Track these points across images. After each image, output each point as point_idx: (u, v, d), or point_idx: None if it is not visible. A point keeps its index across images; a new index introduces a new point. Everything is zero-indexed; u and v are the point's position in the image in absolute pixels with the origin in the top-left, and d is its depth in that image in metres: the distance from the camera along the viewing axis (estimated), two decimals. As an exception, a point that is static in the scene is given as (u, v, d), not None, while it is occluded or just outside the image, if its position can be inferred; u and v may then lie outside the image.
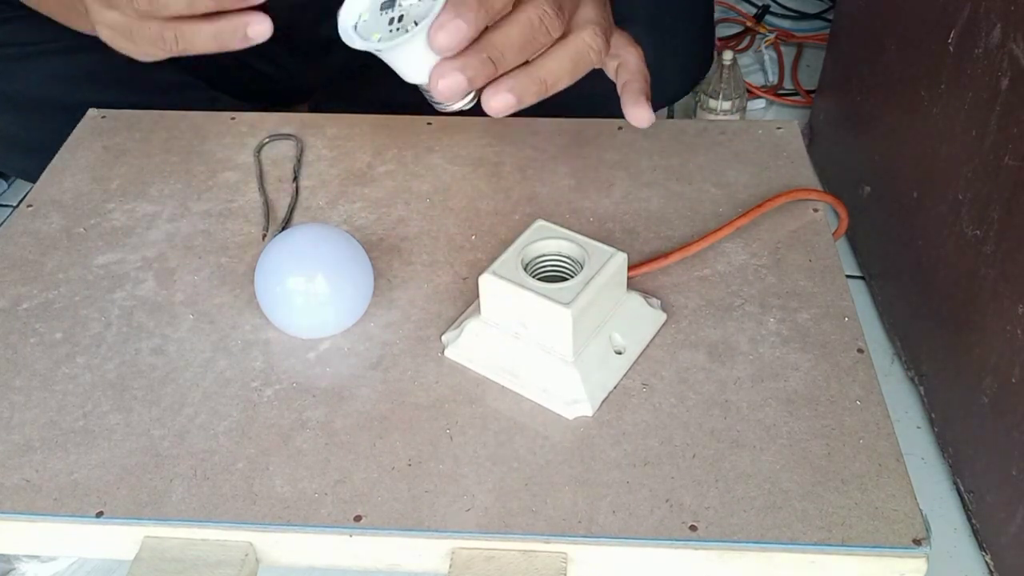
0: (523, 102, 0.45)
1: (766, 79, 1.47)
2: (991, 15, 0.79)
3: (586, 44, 0.46)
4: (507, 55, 0.44)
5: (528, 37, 0.44)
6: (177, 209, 0.63)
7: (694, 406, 0.49)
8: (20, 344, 0.54)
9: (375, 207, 0.63)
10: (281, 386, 0.51)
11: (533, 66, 0.45)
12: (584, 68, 0.47)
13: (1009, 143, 0.76)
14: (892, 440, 0.47)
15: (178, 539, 0.45)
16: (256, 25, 0.45)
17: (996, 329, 0.79)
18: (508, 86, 0.45)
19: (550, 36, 0.45)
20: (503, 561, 0.43)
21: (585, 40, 0.46)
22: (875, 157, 1.07)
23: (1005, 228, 0.78)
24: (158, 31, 0.45)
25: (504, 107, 0.45)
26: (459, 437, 0.48)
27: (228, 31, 0.45)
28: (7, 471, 0.47)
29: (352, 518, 0.44)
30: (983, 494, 0.85)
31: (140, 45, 0.47)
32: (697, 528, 0.43)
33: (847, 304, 0.54)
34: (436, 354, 0.53)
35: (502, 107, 0.45)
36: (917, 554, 0.42)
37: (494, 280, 0.49)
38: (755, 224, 0.60)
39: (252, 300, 0.55)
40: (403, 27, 0.44)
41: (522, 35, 0.44)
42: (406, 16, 0.44)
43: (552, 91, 0.46)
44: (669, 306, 0.55)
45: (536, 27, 0.44)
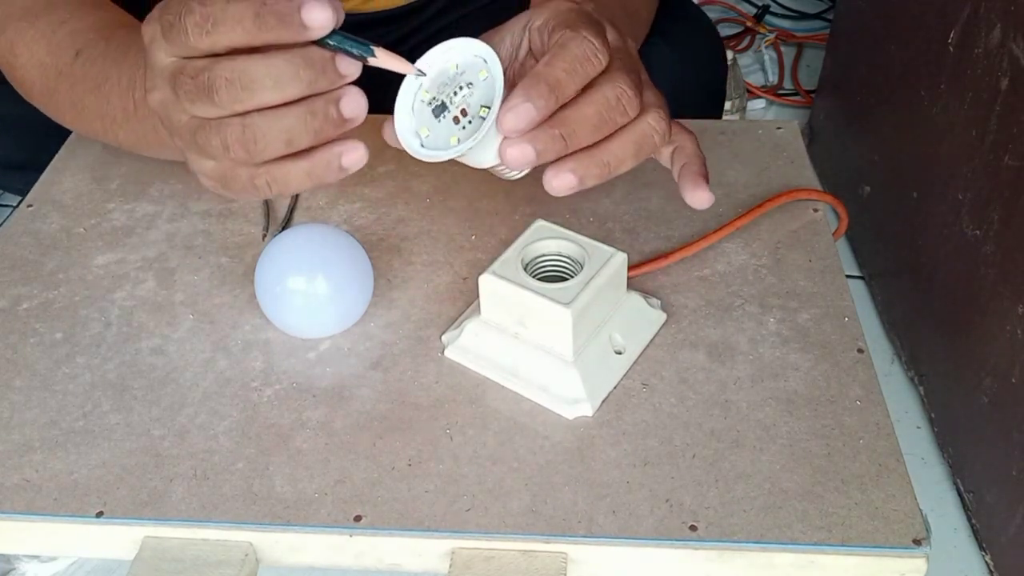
0: (584, 184, 0.44)
1: (766, 79, 1.48)
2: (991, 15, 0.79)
3: (651, 127, 0.45)
4: (580, 133, 0.43)
5: (604, 117, 0.44)
6: (177, 209, 0.63)
7: (694, 406, 0.49)
8: (20, 344, 0.54)
9: (375, 207, 0.63)
10: (281, 386, 0.51)
11: (597, 148, 0.44)
12: (647, 152, 0.46)
13: (1009, 143, 0.76)
14: (892, 440, 0.47)
15: (178, 539, 0.45)
16: (350, 154, 0.43)
17: (996, 329, 0.79)
18: (571, 167, 0.44)
19: (627, 116, 0.44)
20: (503, 561, 0.43)
21: (650, 123, 0.45)
22: (875, 157, 1.07)
23: (1005, 228, 0.78)
24: (249, 178, 0.43)
25: (566, 187, 0.44)
26: (459, 437, 0.48)
27: (322, 166, 0.43)
28: (7, 471, 0.47)
29: (352, 518, 0.44)
30: (983, 494, 0.85)
31: (235, 192, 0.45)
32: (697, 528, 0.43)
33: (847, 304, 0.54)
34: (436, 354, 0.53)
35: (563, 187, 0.44)
36: (917, 554, 0.42)
37: (494, 280, 0.49)
38: (755, 224, 0.60)
39: (252, 300, 0.55)
40: (470, 120, 0.43)
41: (598, 114, 0.43)
42: (469, 110, 0.43)
43: (614, 174, 0.45)
44: (669, 306, 0.55)
45: (613, 106, 0.44)
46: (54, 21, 0.60)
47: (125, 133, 0.58)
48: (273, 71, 0.40)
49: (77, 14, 0.60)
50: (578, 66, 0.43)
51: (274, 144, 0.41)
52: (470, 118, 0.43)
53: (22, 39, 0.60)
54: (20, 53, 0.61)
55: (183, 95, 0.41)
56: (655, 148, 0.46)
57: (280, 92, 0.40)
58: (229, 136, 0.41)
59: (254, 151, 0.41)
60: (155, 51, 0.43)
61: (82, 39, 0.59)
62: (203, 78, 0.40)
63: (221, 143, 0.42)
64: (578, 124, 0.43)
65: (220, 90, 0.40)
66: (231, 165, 0.44)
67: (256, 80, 0.40)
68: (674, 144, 0.51)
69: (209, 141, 0.42)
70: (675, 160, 0.51)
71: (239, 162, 0.43)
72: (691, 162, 0.50)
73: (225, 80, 0.40)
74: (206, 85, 0.40)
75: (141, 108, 0.55)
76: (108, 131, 0.59)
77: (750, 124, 0.70)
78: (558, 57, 0.43)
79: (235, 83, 0.40)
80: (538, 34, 0.47)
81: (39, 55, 0.60)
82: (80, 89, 0.58)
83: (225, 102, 0.40)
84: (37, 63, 0.60)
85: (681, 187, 0.50)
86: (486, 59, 0.43)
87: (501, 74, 0.43)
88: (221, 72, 0.40)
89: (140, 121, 0.55)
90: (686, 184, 0.49)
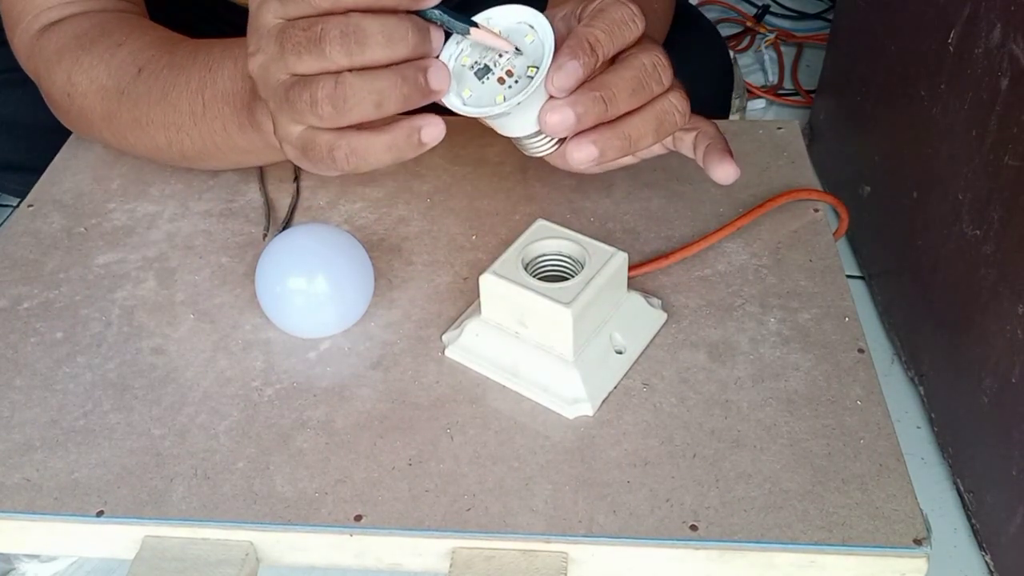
0: (605, 156, 0.45)
1: (766, 79, 1.48)
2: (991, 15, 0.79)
3: (672, 105, 0.46)
4: (619, 97, 0.44)
5: (641, 81, 0.45)
6: (178, 209, 0.63)
7: (694, 406, 0.49)
8: (21, 344, 0.54)
9: (376, 207, 0.63)
10: (281, 386, 0.51)
11: (620, 122, 0.45)
12: (668, 129, 0.47)
13: (1009, 143, 0.76)
14: (892, 440, 0.47)
15: (178, 538, 0.45)
16: (430, 128, 0.44)
17: (996, 329, 0.79)
18: (592, 138, 0.45)
19: (662, 84, 0.45)
20: (503, 561, 0.43)
21: (672, 101, 0.46)
22: (875, 157, 1.07)
23: (1005, 228, 0.78)
24: (329, 148, 0.44)
25: (587, 158, 0.45)
26: (459, 436, 0.48)
27: (403, 139, 0.44)
28: (8, 470, 0.47)
29: (352, 517, 0.44)
30: (983, 494, 0.85)
31: (316, 164, 0.46)
32: (697, 528, 0.43)
33: (847, 304, 0.54)
34: (436, 354, 0.53)
35: (585, 158, 0.45)
36: (917, 554, 0.42)
37: (495, 280, 0.49)
38: (756, 224, 0.60)
39: (253, 300, 0.55)
40: (516, 79, 0.44)
41: (635, 79, 0.44)
42: (515, 71, 0.44)
43: (635, 149, 0.46)
44: (670, 306, 0.55)
45: (649, 72, 0.45)
46: (111, 44, 0.60)
47: (191, 139, 0.58)
48: (386, 29, 0.41)
49: (133, 35, 0.61)
50: (616, 28, 0.44)
51: (363, 104, 0.42)
52: (516, 78, 0.44)
53: (79, 66, 0.60)
54: (79, 81, 0.60)
55: (290, 48, 0.42)
56: (675, 126, 0.47)
57: (389, 50, 0.42)
58: (320, 91, 0.42)
59: (342, 109, 0.42)
60: (264, 13, 0.44)
61: (143, 57, 0.59)
62: (316, 29, 0.41)
63: (311, 97, 0.42)
64: (617, 88, 0.44)
65: (333, 41, 0.41)
66: (314, 132, 0.44)
67: (370, 36, 0.41)
68: (695, 130, 0.52)
69: (300, 96, 0.43)
70: (698, 143, 0.52)
71: (325, 121, 0.43)
72: (715, 142, 0.51)
73: (340, 33, 0.41)
74: (318, 36, 0.41)
75: (211, 108, 0.55)
76: (173, 142, 0.59)
77: (750, 124, 0.70)
78: (598, 19, 0.44)
79: (349, 36, 0.41)
80: (563, 22, 0.48)
81: (99, 80, 0.60)
82: (144, 104, 0.58)
83: (335, 54, 0.41)
84: (97, 88, 0.60)
85: (707, 164, 0.51)
86: (532, 24, 0.44)
87: (551, 35, 0.44)
88: (336, 24, 0.41)
89: (209, 122, 0.56)
90: (712, 159, 0.51)
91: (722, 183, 0.51)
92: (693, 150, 0.53)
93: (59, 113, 0.65)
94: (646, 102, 0.46)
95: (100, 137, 0.64)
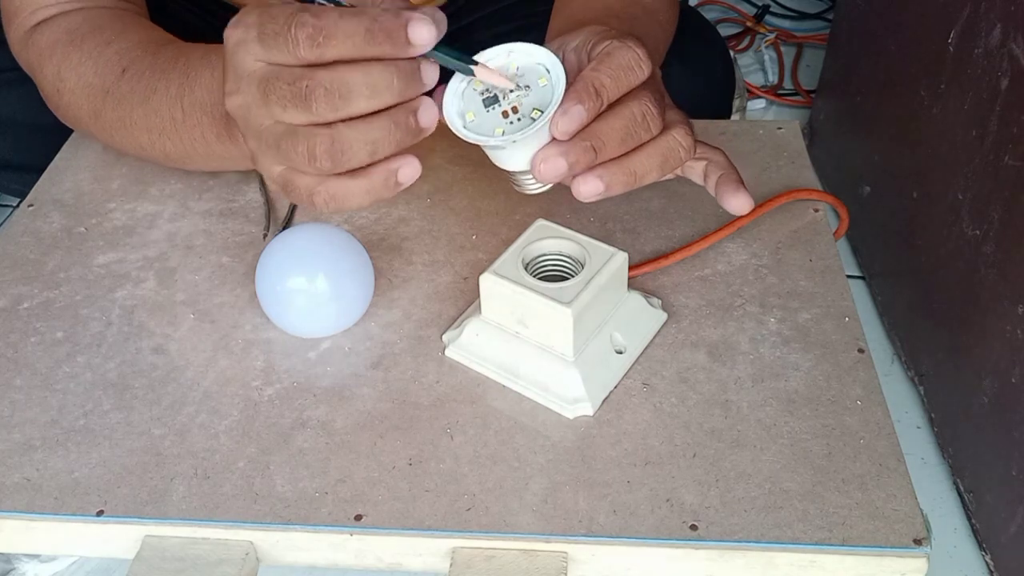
0: (611, 191, 0.46)
1: (766, 79, 1.48)
2: (991, 15, 0.79)
3: (676, 142, 0.48)
4: (608, 145, 0.45)
5: (629, 131, 0.46)
6: (178, 209, 0.63)
7: (695, 406, 0.49)
8: (21, 343, 0.54)
9: (376, 207, 0.63)
10: (282, 385, 0.51)
11: (626, 159, 0.47)
12: (673, 165, 0.48)
13: (1009, 143, 0.76)
14: (892, 440, 0.47)
15: (179, 538, 0.45)
16: (406, 168, 0.44)
17: (996, 329, 0.79)
18: (599, 174, 0.46)
19: (650, 132, 0.46)
20: (503, 560, 0.43)
21: (676, 138, 0.48)
22: (875, 157, 1.07)
23: (1005, 228, 0.78)
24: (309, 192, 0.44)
25: (593, 193, 0.46)
26: (459, 436, 0.48)
27: (380, 182, 0.44)
28: (8, 470, 0.47)
29: (353, 517, 0.44)
30: (983, 494, 0.85)
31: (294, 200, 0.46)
32: (697, 528, 0.43)
33: (847, 304, 0.54)
34: (437, 353, 0.53)
35: (591, 193, 0.46)
36: (917, 554, 0.42)
37: (495, 280, 0.49)
38: (756, 224, 0.60)
39: (253, 300, 0.55)
40: (519, 117, 0.45)
41: (624, 128, 0.45)
42: (520, 108, 0.45)
43: (640, 184, 0.47)
44: (670, 306, 0.55)
45: (638, 122, 0.46)
46: (100, 42, 0.61)
47: (172, 144, 0.58)
48: (370, 80, 0.41)
49: (123, 34, 0.61)
50: (622, 74, 0.45)
51: (359, 154, 0.43)
52: (520, 116, 0.45)
53: (68, 63, 0.61)
54: (67, 77, 0.61)
55: (275, 100, 0.42)
56: (680, 161, 0.48)
57: (375, 101, 0.42)
58: (318, 146, 0.42)
59: (340, 161, 0.43)
60: (242, 55, 0.43)
61: (128, 57, 0.59)
62: (301, 85, 0.41)
63: (307, 151, 0.42)
64: (607, 136, 0.45)
65: (319, 99, 0.41)
66: (295, 174, 0.45)
67: (354, 90, 0.41)
68: (705, 160, 0.54)
69: (295, 148, 0.43)
70: (709, 174, 0.54)
71: (320, 172, 0.44)
72: (727, 173, 0.53)
73: (324, 90, 0.41)
74: (304, 93, 0.41)
75: (190, 116, 0.55)
76: (155, 144, 0.59)
77: (750, 124, 0.70)
78: (605, 64, 0.45)
79: (334, 93, 0.41)
80: (575, 53, 0.49)
81: (86, 77, 0.60)
82: (127, 104, 0.59)
83: (321, 110, 0.42)
84: (84, 85, 0.60)
85: (720, 196, 0.52)
86: (548, 68, 0.45)
87: (563, 84, 0.44)
88: (320, 81, 0.41)
89: (189, 129, 0.56)
90: (726, 191, 0.52)
91: (736, 214, 0.52)
92: (703, 179, 0.54)
93: (52, 107, 0.65)
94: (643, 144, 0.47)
95: (89, 133, 0.64)
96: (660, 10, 0.66)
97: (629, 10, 0.64)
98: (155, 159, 0.62)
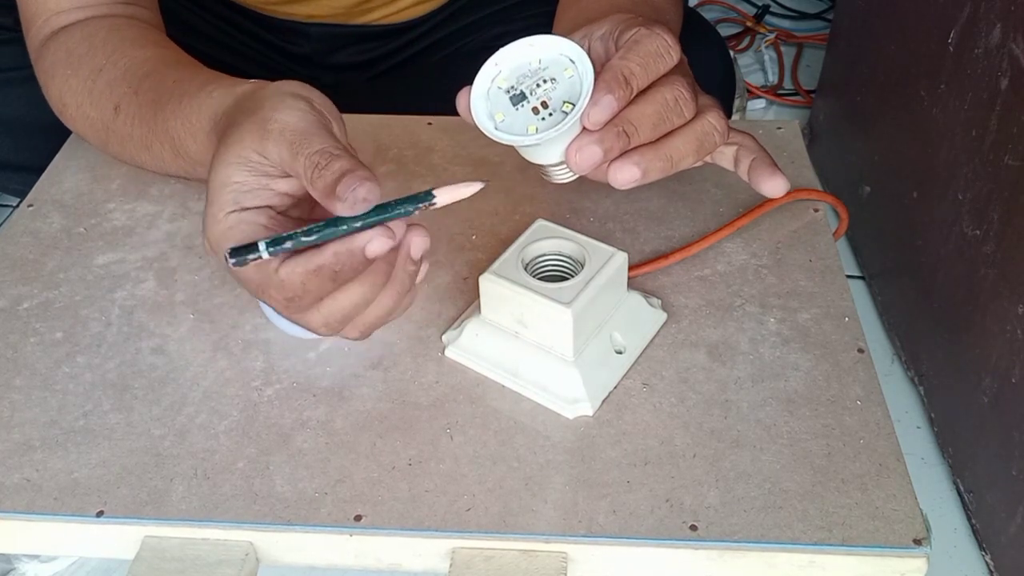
0: (648, 177, 0.46)
1: (766, 79, 1.48)
2: (991, 15, 0.79)
3: (711, 125, 0.48)
4: (641, 130, 0.45)
5: (662, 116, 0.46)
6: (178, 209, 0.63)
7: (694, 406, 0.49)
8: (20, 344, 0.54)
9: (375, 207, 0.63)
10: (281, 386, 0.51)
11: (661, 143, 0.47)
12: (708, 148, 0.48)
13: (1009, 143, 0.76)
14: (892, 440, 0.47)
15: (178, 538, 0.45)
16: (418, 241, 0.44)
17: (996, 329, 0.79)
18: (635, 160, 0.46)
19: (683, 116, 0.46)
20: (503, 561, 0.43)
21: (711, 121, 0.48)
22: (875, 157, 1.07)
23: (1005, 228, 0.78)
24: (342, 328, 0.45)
25: (630, 180, 0.46)
26: (459, 436, 0.48)
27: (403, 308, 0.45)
28: (8, 470, 0.47)
29: (352, 518, 0.44)
30: (983, 494, 0.85)
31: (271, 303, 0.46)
32: (697, 528, 0.43)
33: (847, 304, 0.54)
34: (436, 354, 0.53)
35: (628, 179, 0.46)
36: (917, 554, 0.42)
37: (494, 280, 0.49)
38: (755, 224, 0.60)
39: (252, 300, 0.55)
40: (551, 112, 0.45)
41: (657, 113, 0.45)
42: (550, 103, 0.45)
43: (676, 169, 0.47)
44: (669, 306, 0.55)
45: (671, 107, 0.46)
46: (93, 69, 0.61)
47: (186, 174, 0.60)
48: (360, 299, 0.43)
49: (113, 58, 0.61)
50: (651, 61, 0.45)
51: (377, 324, 0.44)
52: (551, 111, 0.45)
53: (68, 88, 0.62)
54: (68, 103, 0.63)
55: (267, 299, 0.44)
56: (715, 145, 0.48)
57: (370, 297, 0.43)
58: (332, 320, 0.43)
59: (364, 332, 0.45)
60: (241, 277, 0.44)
61: (117, 92, 0.60)
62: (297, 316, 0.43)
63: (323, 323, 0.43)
64: (639, 122, 0.45)
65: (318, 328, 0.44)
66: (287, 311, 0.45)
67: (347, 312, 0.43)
68: (735, 145, 0.54)
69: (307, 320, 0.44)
70: (740, 159, 0.54)
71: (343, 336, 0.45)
72: (759, 156, 0.53)
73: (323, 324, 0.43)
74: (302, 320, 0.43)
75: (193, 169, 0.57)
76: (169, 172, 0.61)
77: (750, 124, 0.70)
78: (633, 51, 0.45)
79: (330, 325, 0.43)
80: (601, 42, 0.49)
81: (84, 108, 0.62)
82: (131, 147, 0.61)
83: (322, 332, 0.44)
84: (83, 116, 0.62)
85: (755, 180, 0.53)
86: (573, 59, 0.45)
87: (591, 74, 0.44)
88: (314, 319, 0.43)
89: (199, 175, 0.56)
90: (761, 175, 0.53)
91: (771, 196, 0.53)
92: (735, 164, 0.54)
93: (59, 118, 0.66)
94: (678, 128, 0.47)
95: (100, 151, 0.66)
96: (667, 9, 0.66)
97: (637, 9, 0.63)
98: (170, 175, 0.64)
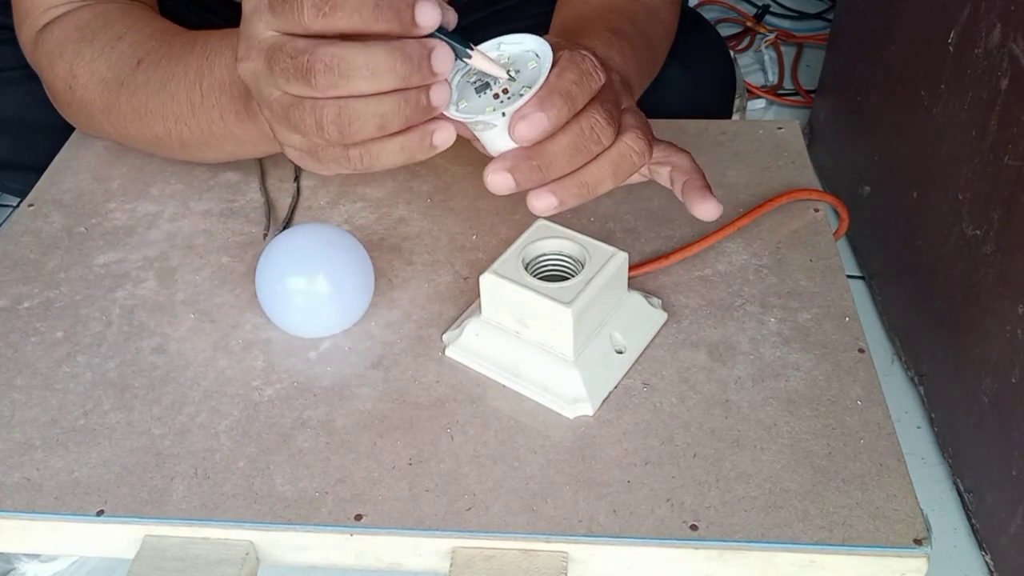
0: (565, 205, 0.46)
1: (766, 79, 1.48)
2: (991, 15, 0.79)
3: (628, 147, 0.47)
4: (555, 164, 0.45)
5: (577, 146, 0.45)
6: (178, 208, 0.63)
7: (695, 406, 0.49)
8: (21, 343, 0.54)
9: (376, 207, 0.63)
10: (282, 385, 0.51)
11: (577, 172, 0.46)
12: (627, 171, 0.47)
13: (1009, 143, 0.77)
14: (893, 440, 0.47)
15: (179, 538, 0.45)
16: (441, 132, 0.45)
17: (996, 329, 0.79)
18: (551, 188, 0.46)
19: (601, 144, 0.46)
20: (503, 560, 0.43)
21: (627, 143, 0.47)
22: (875, 157, 1.07)
23: (1005, 228, 0.78)
24: (343, 152, 0.45)
25: (547, 208, 0.46)
26: (460, 436, 0.48)
27: (415, 143, 0.45)
28: (8, 470, 0.47)
29: (353, 517, 0.44)
30: (983, 494, 0.85)
31: (326, 165, 0.46)
32: (698, 528, 0.43)
33: (847, 304, 0.54)
34: (437, 353, 0.53)
35: (544, 208, 0.46)
36: (918, 554, 0.42)
37: (495, 279, 0.49)
38: (756, 224, 0.60)
39: (253, 300, 0.55)
40: (510, 96, 0.45)
41: (571, 143, 0.45)
42: (511, 88, 0.45)
43: (594, 195, 0.47)
44: (670, 306, 0.55)
45: (586, 135, 0.45)
46: (112, 37, 0.61)
47: (189, 129, 0.58)
48: (372, 62, 0.41)
49: (135, 27, 0.61)
50: (583, 79, 0.45)
51: (367, 127, 0.43)
52: (510, 95, 0.45)
53: (81, 59, 0.61)
54: (80, 74, 0.61)
55: (279, 72, 0.43)
56: (634, 167, 0.47)
57: (375, 83, 0.42)
58: (325, 117, 0.43)
59: (348, 133, 0.43)
60: (256, 22, 0.44)
61: (143, 48, 0.59)
62: (302, 60, 0.42)
63: (315, 123, 0.43)
64: (554, 155, 0.45)
65: (318, 74, 0.41)
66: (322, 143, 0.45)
67: (354, 69, 0.41)
68: (669, 164, 0.52)
69: (303, 120, 0.43)
70: (675, 179, 0.52)
71: (331, 141, 0.44)
72: (691, 178, 0.51)
73: (324, 65, 0.41)
74: (304, 67, 0.42)
75: (208, 97, 0.56)
76: (172, 131, 0.59)
77: (750, 124, 0.70)
78: (567, 70, 0.45)
79: (333, 69, 0.41)
80: None
81: (99, 72, 0.60)
82: (142, 94, 0.59)
83: (321, 86, 0.42)
84: (98, 80, 0.61)
85: (687, 203, 0.51)
86: (538, 53, 0.46)
87: (549, 62, 0.45)
88: (321, 56, 0.41)
89: (207, 111, 0.56)
90: (692, 198, 0.50)
91: (704, 220, 0.50)
92: (670, 183, 0.52)
93: (60, 106, 0.65)
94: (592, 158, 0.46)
95: (100, 129, 0.64)
96: (661, 8, 0.66)
97: (630, 7, 0.63)
98: (169, 149, 0.62)
